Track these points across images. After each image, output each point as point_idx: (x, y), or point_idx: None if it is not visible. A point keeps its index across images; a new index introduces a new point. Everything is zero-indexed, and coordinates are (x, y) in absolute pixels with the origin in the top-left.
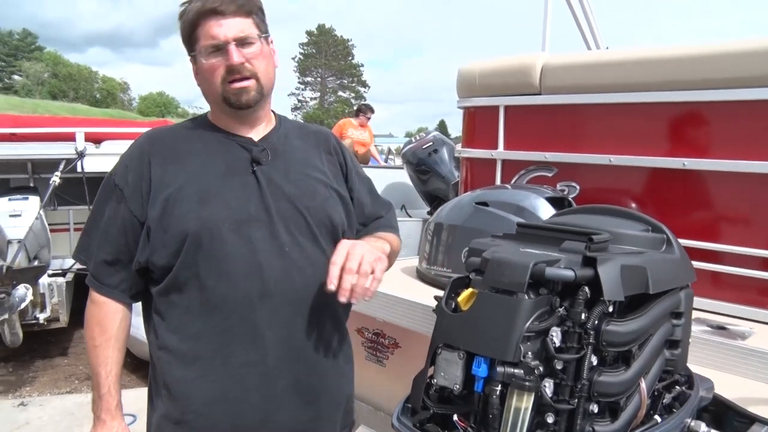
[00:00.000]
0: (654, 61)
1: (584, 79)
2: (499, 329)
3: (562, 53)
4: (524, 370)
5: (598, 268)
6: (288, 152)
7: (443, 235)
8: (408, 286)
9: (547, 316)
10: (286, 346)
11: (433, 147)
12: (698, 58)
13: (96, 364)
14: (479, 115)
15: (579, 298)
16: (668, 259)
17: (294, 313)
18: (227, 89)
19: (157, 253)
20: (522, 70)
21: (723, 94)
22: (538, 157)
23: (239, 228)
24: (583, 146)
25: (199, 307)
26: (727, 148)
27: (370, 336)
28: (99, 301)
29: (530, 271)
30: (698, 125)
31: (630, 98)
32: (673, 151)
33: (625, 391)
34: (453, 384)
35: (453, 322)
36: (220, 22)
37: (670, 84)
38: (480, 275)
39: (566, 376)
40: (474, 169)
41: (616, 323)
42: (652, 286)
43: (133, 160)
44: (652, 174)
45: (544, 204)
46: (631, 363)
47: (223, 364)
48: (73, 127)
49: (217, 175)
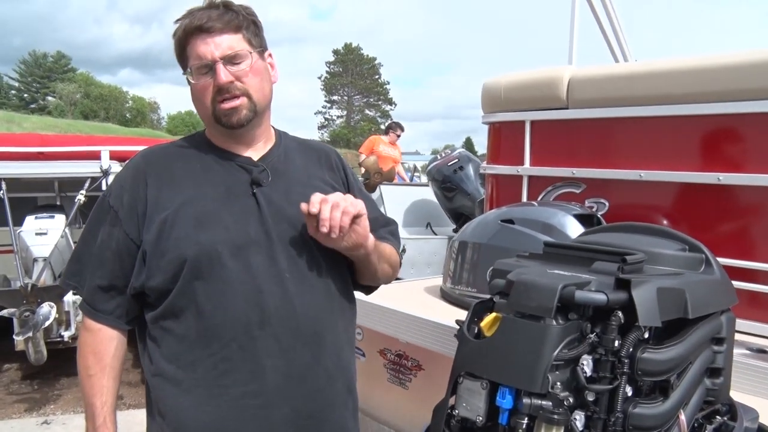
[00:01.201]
0: (684, 72)
1: (613, 92)
2: (525, 357)
3: (590, 66)
4: (553, 402)
5: (633, 291)
6: (289, 171)
7: (468, 253)
8: (432, 306)
9: (576, 343)
10: (285, 375)
11: (459, 164)
12: (730, 68)
13: (91, 395)
14: (504, 130)
15: (612, 324)
16: (708, 280)
17: (294, 341)
18: (218, 109)
19: (153, 278)
20: (548, 83)
21: (758, 106)
22: (565, 173)
23: (238, 253)
24: (613, 161)
25: (195, 335)
26: (764, 161)
27: (392, 357)
28: (94, 329)
29: (558, 295)
30: (733, 138)
31: (661, 111)
32: (707, 166)
33: (663, 425)
34: (475, 415)
35: (475, 349)
36: (206, 41)
37: (703, 96)
38: (504, 298)
39: (599, 408)
40: (499, 185)
41: (652, 351)
42: (691, 311)
43: (129, 180)
44: (685, 189)
45: (572, 221)
46: (669, 393)
47: (220, 394)
48: (98, 145)
49: (215, 197)
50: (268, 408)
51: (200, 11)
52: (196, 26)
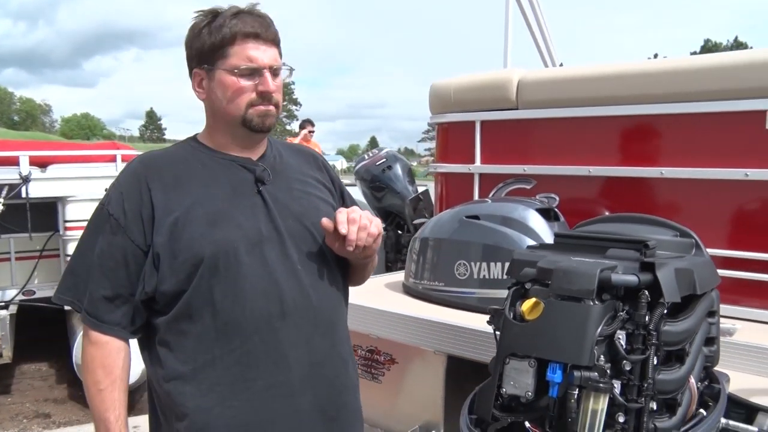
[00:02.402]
0: (626, 76)
1: (561, 94)
2: (572, 335)
3: (538, 69)
4: (599, 373)
5: (657, 273)
6: (286, 171)
7: (431, 249)
8: (399, 302)
9: (611, 320)
10: (308, 364)
11: (387, 163)
12: (666, 73)
13: (103, 410)
14: (454, 130)
15: (642, 302)
16: (704, 261)
17: (313, 331)
18: (251, 111)
19: (166, 281)
20: (498, 85)
21: (690, 107)
22: (517, 170)
23: (253, 249)
24: (562, 158)
25: (213, 333)
26: (698, 157)
27: (363, 353)
28: (101, 341)
29: (598, 278)
30: (672, 136)
31: (606, 112)
32: (650, 161)
33: (680, 388)
34: (525, 392)
35: (522, 332)
36: (259, 47)
37: (644, 98)
38: (539, 284)
39: (633, 376)
40: (450, 183)
41: (671, 323)
42: (699, 287)
43: (129, 187)
44: (631, 183)
45: (534, 214)
46: (685, 360)
47: (246, 388)
48: (16, 150)
49: (223, 197)
50: (295, 397)
51: (249, 16)
52: (251, 32)
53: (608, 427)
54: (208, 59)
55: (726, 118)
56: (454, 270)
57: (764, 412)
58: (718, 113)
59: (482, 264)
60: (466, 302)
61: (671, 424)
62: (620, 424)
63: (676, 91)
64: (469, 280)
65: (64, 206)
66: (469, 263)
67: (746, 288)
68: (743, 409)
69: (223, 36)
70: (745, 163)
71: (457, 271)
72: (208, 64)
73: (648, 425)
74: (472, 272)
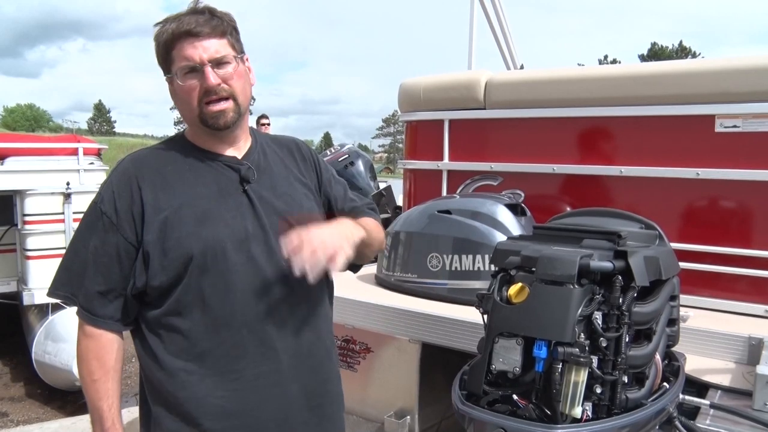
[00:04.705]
0: (589, 80)
1: (528, 95)
2: (556, 315)
3: (506, 71)
4: (579, 348)
5: (629, 260)
6: (270, 167)
7: (403, 243)
8: (373, 293)
9: (589, 302)
10: (294, 354)
11: (349, 159)
12: (625, 78)
13: (97, 399)
14: (423, 128)
15: (616, 285)
16: (668, 250)
17: (299, 323)
18: (204, 111)
19: (156, 277)
20: (467, 85)
21: (647, 110)
22: (484, 167)
23: (241, 246)
24: (528, 157)
25: (203, 327)
26: (654, 157)
27: (340, 343)
28: (95, 334)
29: (578, 265)
30: (631, 137)
31: (570, 113)
32: (611, 160)
33: (648, 363)
34: (513, 367)
35: (510, 313)
36: (195, 44)
37: (605, 101)
38: (524, 271)
39: (609, 351)
40: (418, 180)
41: (640, 305)
42: (664, 273)
43: (121, 186)
44: (592, 181)
45: (502, 209)
46: (652, 338)
47: (235, 378)
48: None
49: (210, 196)
50: (282, 385)
51: (187, 16)
52: (184, 30)
53: (587, 398)
54: (164, 68)
55: (679, 121)
56: (427, 262)
57: (713, 389)
58: (673, 116)
59: (454, 256)
60: (438, 293)
61: (640, 395)
62: (597, 395)
63: (635, 95)
64: (441, 271)
65: (22, 200)
66: (441, 255)
67: (698, 279)
68: (695, 387)
69: (165, 42)
70: (696, 163)
71: (430, 263)
72: (166, 72)
73: (621, 396)
74: (444, 264)
